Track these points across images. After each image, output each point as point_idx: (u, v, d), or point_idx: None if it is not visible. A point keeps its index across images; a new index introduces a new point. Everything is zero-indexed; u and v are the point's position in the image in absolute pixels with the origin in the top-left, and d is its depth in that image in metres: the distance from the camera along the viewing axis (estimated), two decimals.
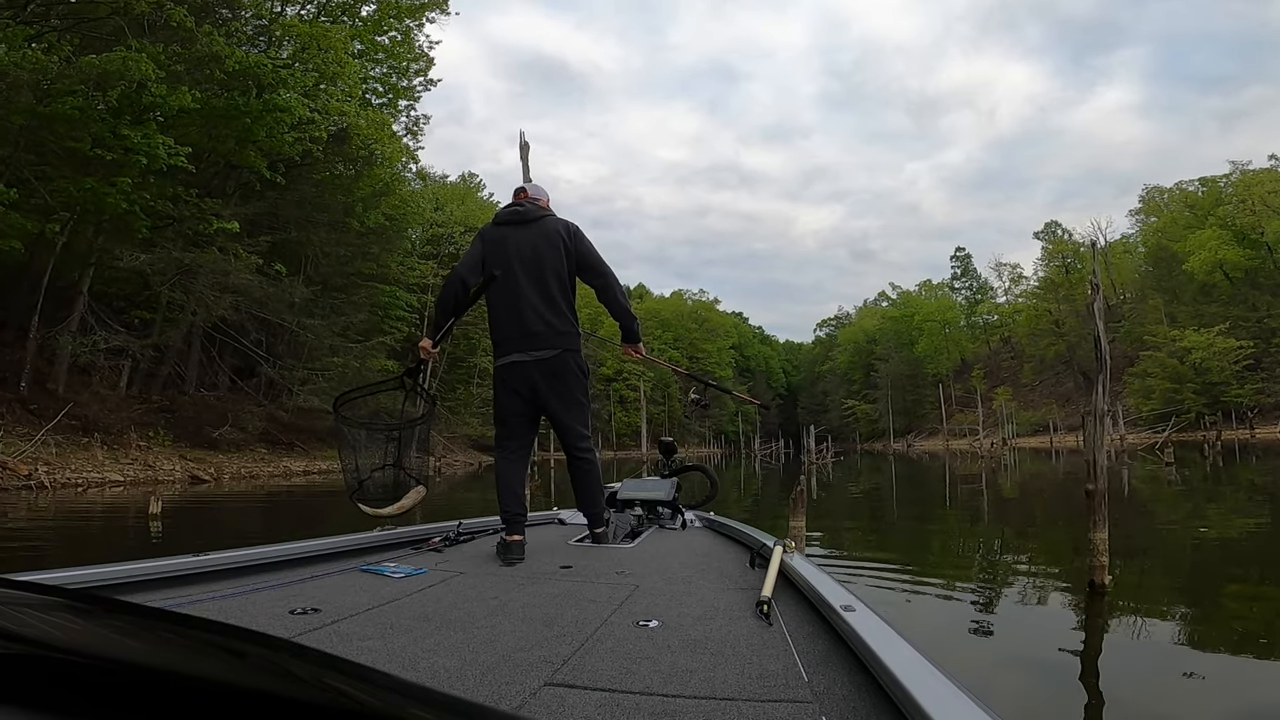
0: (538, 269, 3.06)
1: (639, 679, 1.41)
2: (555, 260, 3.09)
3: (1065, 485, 15.08)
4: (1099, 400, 4.05)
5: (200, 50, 16.31)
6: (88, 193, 15.81)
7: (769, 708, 1.27)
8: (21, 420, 16.76)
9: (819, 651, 1.61)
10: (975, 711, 1.04)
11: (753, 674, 1.45)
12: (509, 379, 3.09)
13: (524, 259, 3.07)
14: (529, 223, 3.15)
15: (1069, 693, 2.73)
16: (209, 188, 20.45)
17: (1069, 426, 48.33)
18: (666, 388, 76.48)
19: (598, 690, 1.35)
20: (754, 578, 2.41)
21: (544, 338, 3.04)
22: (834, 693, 1.35)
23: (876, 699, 1.27)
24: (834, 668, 1.49)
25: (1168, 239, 51.87)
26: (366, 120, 21.94)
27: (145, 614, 0.42)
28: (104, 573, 1.86)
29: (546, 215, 3.19)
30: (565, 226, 3.16)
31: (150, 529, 8.07)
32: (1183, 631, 3.59)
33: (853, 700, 1.31)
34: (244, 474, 20.22)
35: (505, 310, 3.07)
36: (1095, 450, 4.00)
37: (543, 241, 3.09)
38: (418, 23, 25.09)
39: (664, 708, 1.26)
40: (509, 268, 3.05)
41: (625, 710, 1.25)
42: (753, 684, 1.39)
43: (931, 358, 74.72)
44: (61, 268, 18.21)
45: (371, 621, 1.81)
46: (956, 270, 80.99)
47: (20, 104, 14.20)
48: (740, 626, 1.83)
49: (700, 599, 2.14)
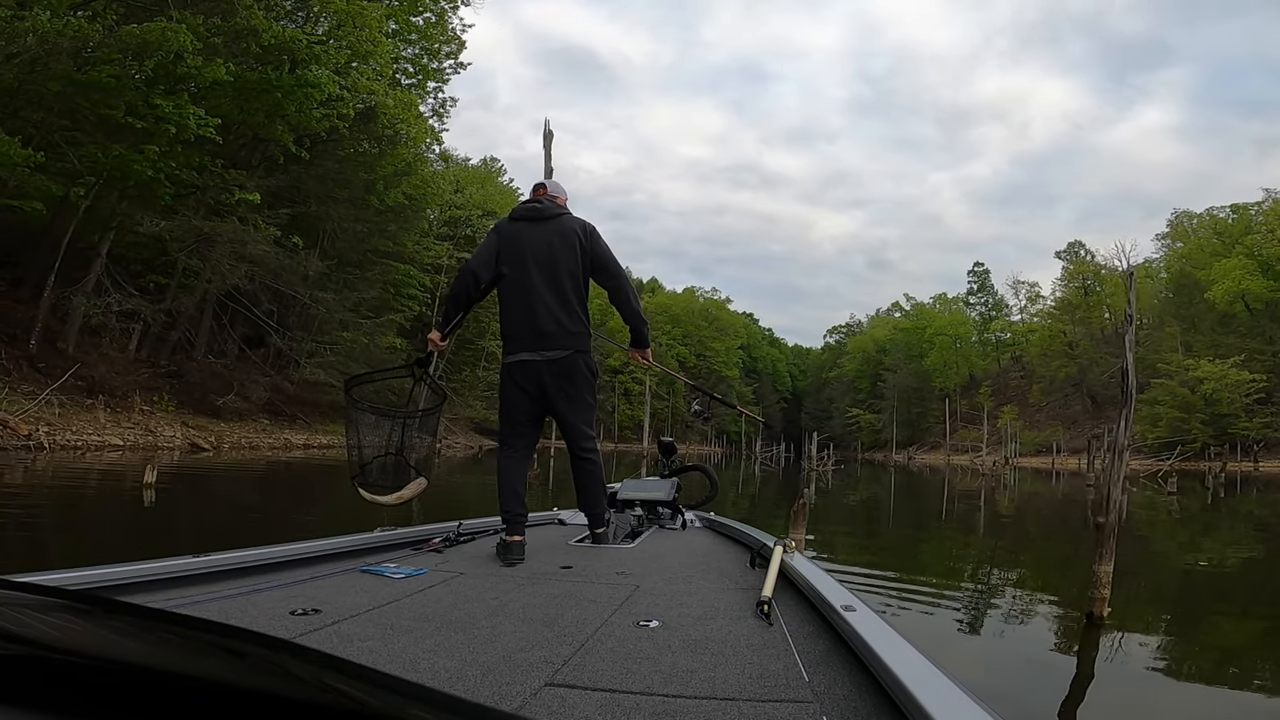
0: (552, 268, 3.03)
1: (639, 679, 1.41)
2: (570, 259, 3.06)
3: (1063, 508, 15.00)
4: (1121, 434, 4.01)
5: (239, 23, 16.36)
6: (115, 159, 15.92)
7: (769, 708, 1.27)
8: (28, 378, 16.87)
9: (820, 651, 1.61)
10: (976, 712, 1.03)
11: (753, 674, 1.45)
12: (518, 377, 3.07)
13: (539, 257, 3.03)
14: (545, 220, 3.11)
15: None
16: (235, 159, 20.54)
17: (1072, 449, 48.09)
18: (671, 384, 76.48)
19: (598, 690, 1.35)
20: (754, 578, 2.40)
21: (555, 338, 3.01)
22: (835, 693, 1.35)
23: (877, 699, 1.27)
24: (835, 668, 1.49)
25: (1192, 265, 51.16)
26: (395, 100, 21.99)
27: (146, 615, 0.42)
28: (104, 574, 1.85)
29: (563, 213, 3.17)
30: (582, 226, 3.14)
31: (144, 498, 8.02)
32: (1179, 665, 3.60)
33: (853, 700, 1.31)
34: (244, 444, 20.32)
35: (517, 308, 3.05)
36: (1111, 484, 3.96)
37: (558, 240, 3.07)
38: (452, 4, 25.09)
39: (664, 708, 1.26)
40: (523, 265, 3.03)
41: (626, 710, 1.25)
42: (753, 684, 1.39)
43: (940, 371, 74.30)
44: (82, 230, 18.33)
45: (372, 622, 1.81)
46: (973, 285, 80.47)
47: (57, 70, 14.29)
48: (741, 626, 1.82)
49: (700, 599, 2.14)
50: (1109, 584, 4.02)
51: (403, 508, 3.46)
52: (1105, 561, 4.00)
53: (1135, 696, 3.13)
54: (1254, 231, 47.70)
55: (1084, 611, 4.11)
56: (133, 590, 1.89)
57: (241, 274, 21.29)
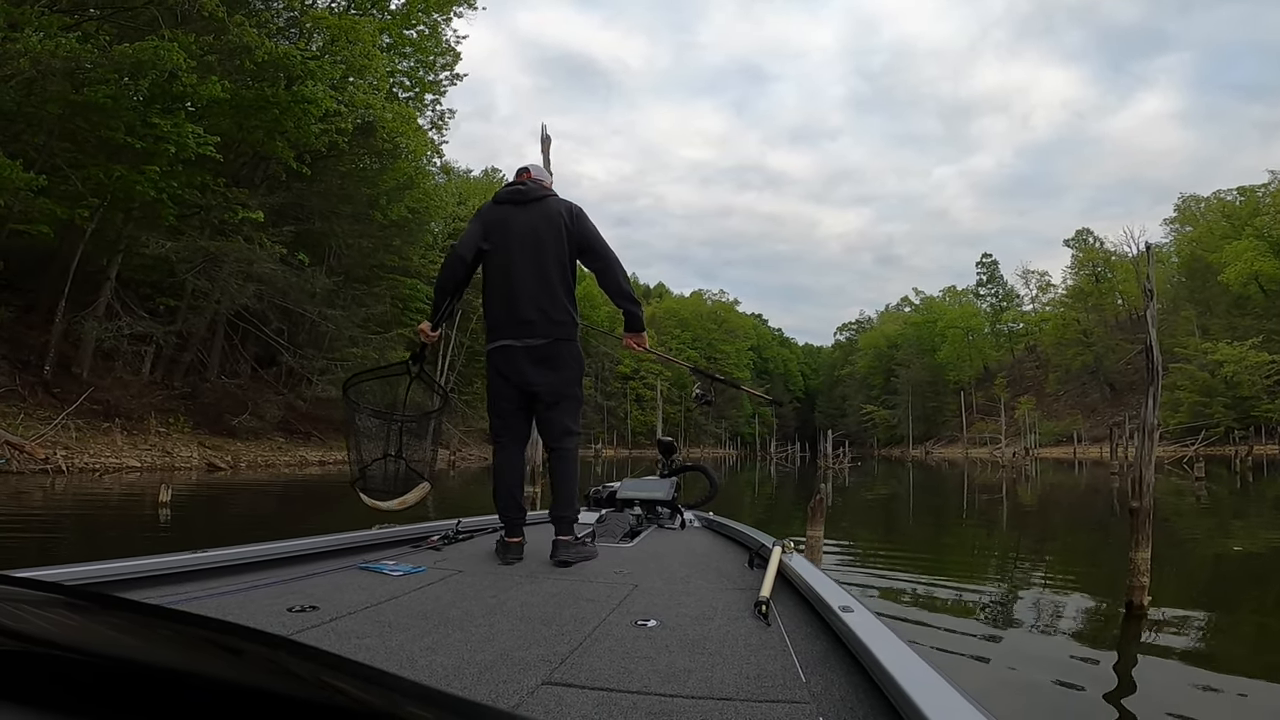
0: (536, 252, 2.88)
1: (637, 678, 1.41)
2: (556, 243, 2.89)
3: (1089, 497, 14.71)
4: (1149, 414, 3.84)
5: (232, 40, 16.45)
6: (117, 181, 16.02)
7: (766, 708, 1.27)
8: (43, 403, 16.99)
9: (817, 652, 1.61)
10: (972, 713, 1.03)
11: (750, 674, 1.46)
12: (499, 363, 2.92)
13: (523, 241, 2.88)
14: (529, 203, 2.96)
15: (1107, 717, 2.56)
16: (237, 177, 20.64)
17: (1093, 438, 47.51)
18: (683, 387, 76.28)
19: (595, 689, 1.35)
20: (752, 578, 2.40)
21: (537, 326, 2.85)
22: (831, 693, 1.35)
23: (874, 700, 1.27)
24: (832, 668, 1.49)
25: (1203, 249, 50.68)
26: (392, 113, 22.03)
27: (143, 611, 0.42)
28: (103, 569, 1.86)
29: (548, 195, 3.02)
30: (567, 207, 2.98)
31: (160, 517, 8.13)
32: (1226, 655, 3.43)
33: (850, 701, 1.31)
34: (260, 462, 20.37)
35: (500, 294, 2.91)
36: (1143, 466, 3.79)
37: (543, 223, 2.91)
38: (445, 17, 25.17)
39: (661, 707, 1.26)
40: (506, 249, 2.90)
41: (623, 709, 1.25)
42: (750, 684, 1.40)
43: (953, 364, 73.76)
44: (90, 254, 18.46)
45: (369, 619, 1.81)
46: (982, 277, 79.98)
47: (55, 92, 14.40)
48: (738, 627, 1.83)
49: (699, 599, 2.15)
50: (1147, 571, 3.84)
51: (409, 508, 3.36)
52: (1142, 548, 3.83)
53: (1185, 685, 2.96)
54: (1262, 213, 47.24)
55: (1123, 601, 3.94)
56: (131, 586, 1.89)
57: (250, 293, 21.34)
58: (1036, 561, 6.64)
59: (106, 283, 19.33)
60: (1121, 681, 3.01)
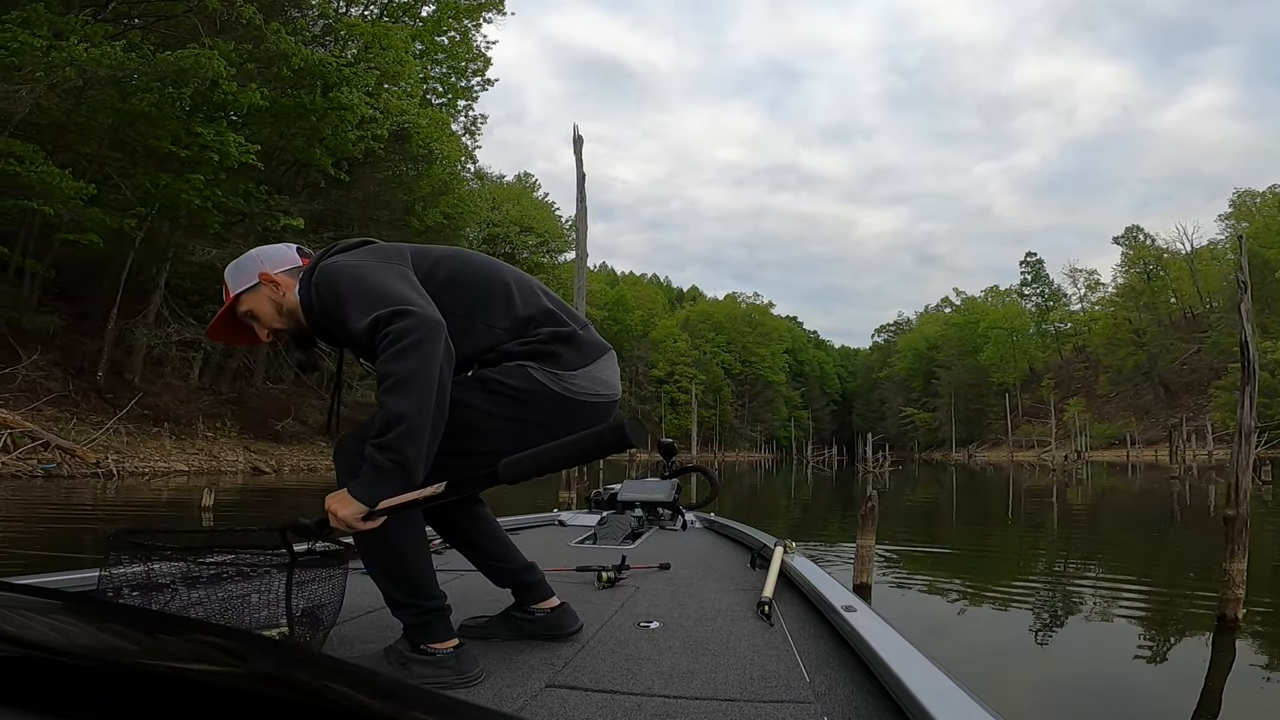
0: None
1: (640, 680, 1.41)
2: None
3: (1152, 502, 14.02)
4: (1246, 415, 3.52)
5: (269, 48, 16.80)
6: (164, 189, 16.46)
7: (771, 708, 1.28)
8: (96, 408, 17.54)
9: (820, 652, 1.61)
10: (978, 711, 1.03)
11: (754, 675, 1.45)
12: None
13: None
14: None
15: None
16: (280, 185, 21.09)
17: (1147, 440, 45.78)
18: (718, 392, 75.74)
19: (599, 691, 1.35)
20: (754, 578, 2.38)
21: None
22: (836, 693, 1.34)
23: (879, 699, 1.26)
24: (836, 668, 1.49)
25: (1260, 245, 48.54)
26: (427, 119, 22.31)
27: (145, 617, 0.43)
28: (111, 573, 1.81)
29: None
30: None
31: (201, 521, 8.20)
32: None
33: (855, 701, 1.30)
34: (303, 466, 20.71)
35: None
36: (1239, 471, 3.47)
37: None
38: (475, 23, 25.44)
39: (665, 709, 1.26)
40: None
41: (627, 711, 1.25)
42: (754, 685, 1.40)
43: (997, 366, 71.80)
44: (140, 262, 19.03)
45: (371, 624, 1.82)
46: (1027, 276, 77.74)
47: (105, 101, 14.84)
48: (741, 627, 1.83)
49: (701, 600, 2.15)
50: (1243, 583, 3.52)
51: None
52: (1238, 559, 3.51)
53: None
54: None
55: (1215, 613, 3.62)
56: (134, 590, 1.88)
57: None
58: (1114, 568, 6.25)
59: (156, 290, 19.90)
60: (1215, 698, 2.74)
